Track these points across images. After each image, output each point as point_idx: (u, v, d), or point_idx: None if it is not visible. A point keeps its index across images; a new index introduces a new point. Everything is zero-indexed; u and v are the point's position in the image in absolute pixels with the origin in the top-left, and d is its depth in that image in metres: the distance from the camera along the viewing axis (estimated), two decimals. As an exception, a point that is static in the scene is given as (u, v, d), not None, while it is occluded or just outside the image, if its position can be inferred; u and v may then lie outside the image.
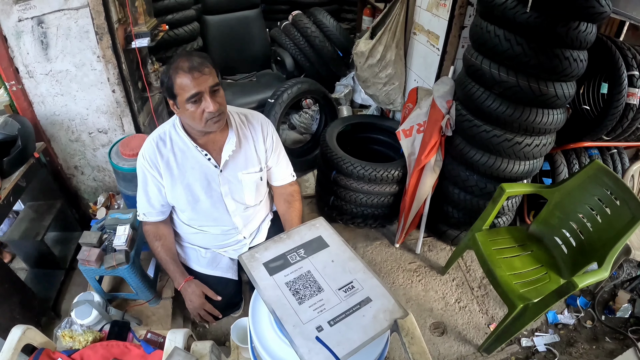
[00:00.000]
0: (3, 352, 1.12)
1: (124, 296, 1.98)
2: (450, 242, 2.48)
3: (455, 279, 2.32)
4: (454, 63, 2.15)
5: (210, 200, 1.49)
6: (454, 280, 2.31)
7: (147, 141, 1.44)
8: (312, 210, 2.79)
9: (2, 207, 1.77)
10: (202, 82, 1.23)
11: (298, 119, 3.39)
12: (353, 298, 0.90)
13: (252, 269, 0.97)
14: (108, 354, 1.28)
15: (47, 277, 2.24)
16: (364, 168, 2.22)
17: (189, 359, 1.01)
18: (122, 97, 2.13)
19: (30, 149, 1.95)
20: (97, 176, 2.52)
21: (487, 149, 1.95)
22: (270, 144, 1.55)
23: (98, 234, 1.83)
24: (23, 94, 2.06)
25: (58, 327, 1.44)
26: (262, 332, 0.96)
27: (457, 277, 2.33)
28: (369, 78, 2.62)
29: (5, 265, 1.82)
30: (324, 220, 1.08)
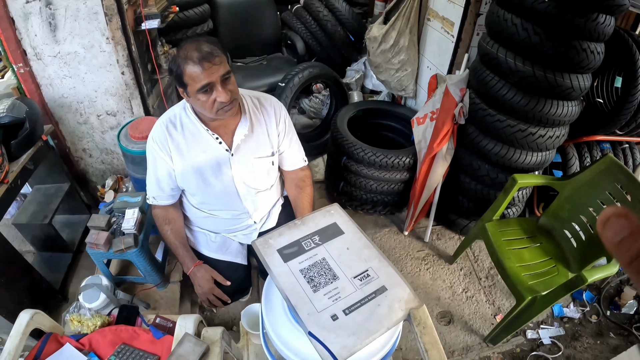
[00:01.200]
0: (11, 336, 1.12)
1: (132, 280, 1.98)
2: (459, 231, 2.47)
3: (463, 268, 2.31)
4: (469, 51, 2.10)
5: (221, 184, 1.47)
6: (462, 269, 2.30)
7: (157, 124, 1.42)
8: (321, 196, 2.78)
9: (10, 190, 1.76)
10: (212, 73, 1.20)
11: (308, 103, 3.36)
12: (368, 287, 0.89)
13: (266, 255, 0.96)
14: (117, 338, 1.28)
15: (54, 261, 2.24)
16: (375, 154, 2.20)
17: (200, 346, 1.00)
18: (131, 79, 2.10)
19: (38, 131, 1.94)
20: (106, 159, 2.50)
21: (500, 139, 1.92)
22: (282, 127, 1.52)
23: (106, 217, 1.83)
24: (31, 77, 2.04)
25: (66, 311, 1.45)
26: (274, 319, 0.95)
27: (465, 266, 2.32)
28: (381, 64, 2.58)
29: (12, 248, 1.82)
30: (339, 207, 1.06)
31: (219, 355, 1.03)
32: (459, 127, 2.08)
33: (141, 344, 1.27)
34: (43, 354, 1.22)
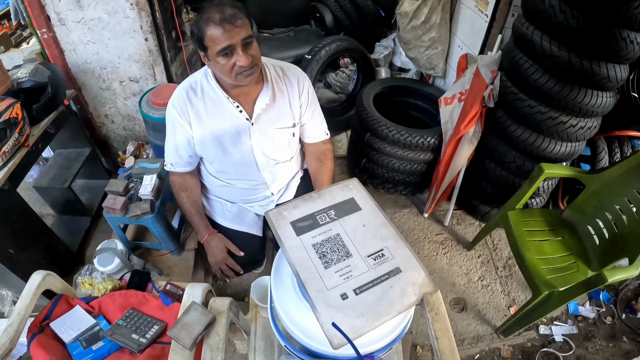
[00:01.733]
0: (23, 296, 1.14)
1: (147, 246, 2.00)
2: (480, 217, 2.40)
3: (481, 256, 2.25)
4: (502, 32, 2.00)
5: (240, 153, 1.45)
6: (480, 257, 2.25)
7: (177, 90, 1.40)
8: (342, 172, 2.75)
9: (30, 153, 1.78)
10: (234, 35, 1.16)
11: (335, 77, 3.29)
12: (382, 267, 0.85)
13: (279, 227, 0.93)
14: (126, 303, 1.29)
15: (73, 224, 2.29)
16: (399, 132, 2.14)
17: (206, 315, 0.99)
18: (154, 46, 2.08)
19: (60, 96, 1.94)
20: (127, 125, 2.52)
21: (529, 125, 1.84)
22: (305, 99, 1.48)
23: (124, 182, 1.83)
24: (54, 42, 2.04)
25: (78, 274, 1.46)
26: (283, 293, 0.92)
27: (483, 254, 2.26)
28: (411, 40, 2.48)
29: (31, 211, 1.85)
30: (358, 182, 1.02)
31: (225, 326, 1.02)
32: (488, 111, 1.99)
33: (150, 310, 1.28)
34: (53, 314, 1.24)
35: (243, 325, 1.24)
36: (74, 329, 1.21)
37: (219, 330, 1.01)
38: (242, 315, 1.27)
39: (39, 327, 1.20)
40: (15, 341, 1.08)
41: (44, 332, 1.19)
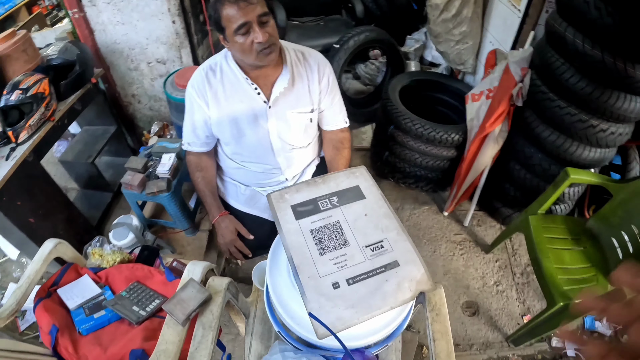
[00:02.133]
0: (33, 261, 1.18)
1: (162, 223, 2.04)
2: (501, 220, 2.33)
3: (499, 260, 2.18)
4: (535, 29, 1.90)
5: (256, 136, 1.44)
6: (497, 261, 2.18)
7: (197, 71, 1.41)
8: (364, 163, 2.67)
9: (56, 127, 1.84)
10: (249, 11, 1.14)
11: (364, 69, 3.26)
12: (379, 259, 0.82)
13: (279, 209, 0.91)
14: (132, 275, 1.32)
15: (95, 199, 2.36)
16: (423, 126, 2.10)
17: (202, 293, 0.99)
18: (182, 29, 2.11)
19: (87, 74, 2.00)
20: (154, 106, 2.57)
21: (557, 127, 1.76)
22: (325, 85, 1.45)
23: (144, 160, 1.88)
24: (85, 22, 2.09)
25: (89, 244, 1.51)
26: (277, 278, 0.91)
27: (501, 258, 2.19)
28: (441, 33, 2.41)
29: (53, 183, 1.92)
30: (365, 170, 0.99)
31: (221, 305, 1.02)
32: (516, 110, 1.92)
33: (153, 284, 1.31)
34: (62, 281, 1.29)
35: (243, 308, 1.23)
36: (80, 297, 1.25)
37: (213, 309, 1.01)
38: (243, 297, 1.28)
39: (47, 292, 1.25)
40: (22, 303, 1.12)
41: (50, 298, 1.24)
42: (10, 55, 1.80)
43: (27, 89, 1.67)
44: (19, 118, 1.70)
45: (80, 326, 1.19)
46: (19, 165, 1.65)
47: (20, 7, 3.90)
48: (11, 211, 1.66)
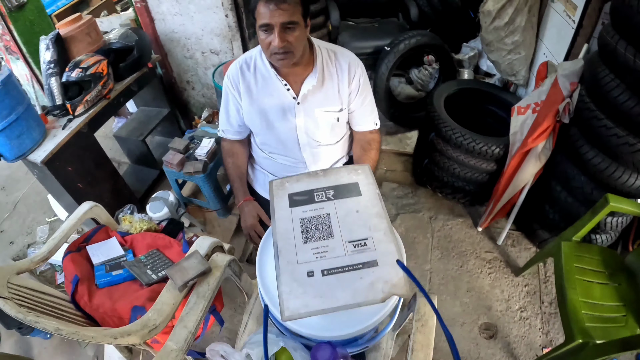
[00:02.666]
0: (70, 218, 1.33)
1: (197, 203, 2.18)
2: (537, 243, 2.20)
3: (528, 285, 2.06)
4: (590, 41, 1.78)
5: (283, 129, 1.49)
6: (527, 286, 2.06)
7: (233, 63, 1.48)
8: (405, 169, 2.71)
9: (111, 105, 2.04)
10: (275, 15, 1.19)
11: (417, 74, 3.21)
12: (359, 256, 0.83)
13: (277, 196, 0.96)
14: (153, 243, 1.44)
15: (142, 174, 2.56)
16: (462, 136, 2.05)
17: (203, 265, 1.07)
18: (234, 22, 2.22)
19: (144, 59, 2.18)
20: (206, 93, 2.72)
21: (603, 149, 1.63)
22: (356, 86, 1.47)
23: (185, 142, 2.03)
24: (146, 11, 2.28)
25: (120, 210, 1.65)
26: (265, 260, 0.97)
27: (531, 284, 2.07)
28: (492, 42, 2.32)
29: (104, 154, 2.11)
30: (369, 169, 1.01)
31: (218, 278, 1.09)
32: (562, 127, 1.81)
33: (171, 254, 1.41)
34: (92, 239, 1.43)
35: (245, 287, 1.30)
36: (105, 255, 1.39)
37: (210, 281, 1.09)
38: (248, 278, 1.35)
39: (77, 247, 1.41)
40: (54, 252, 1.28)
41: (79, 252, 1.39)
42: (75, 37, 2.00)
43: (87, 68, 1.86)
44: (78, 93, 1.90)
45: (99, 280, 1.33)
46: (73, 135, 1.85)
47: None
48: (62, 175, 1.87)
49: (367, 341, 0.96)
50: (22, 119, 1.77)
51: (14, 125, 1.74)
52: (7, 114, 1.71)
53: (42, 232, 2.54)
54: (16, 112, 1.73)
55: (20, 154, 1.81)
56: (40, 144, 1.86)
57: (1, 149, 1.80)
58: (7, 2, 2.03)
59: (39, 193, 2.82)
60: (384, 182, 2.62)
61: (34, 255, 1.30)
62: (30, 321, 1.01)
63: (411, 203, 2.48)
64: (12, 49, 2.24)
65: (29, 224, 2.65)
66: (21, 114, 1.75)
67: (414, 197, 2.52)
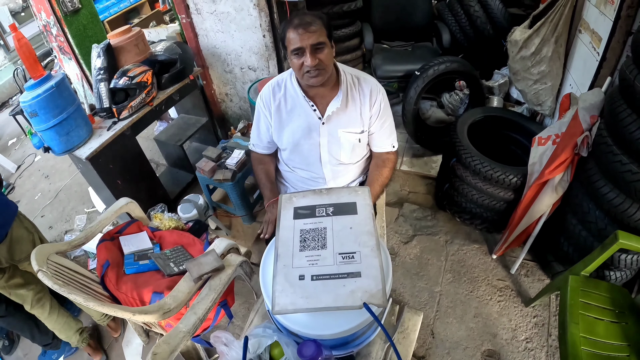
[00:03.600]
0: (107, 210, 1.52)
1: (225, 208, 2.34)
2: (551, 275, 2.17)
3: (538, 316, 2.04)
4: (613, 74, 1.79)
5: (308, 146, 1.62)
6: (535, 317, 2.04)
7: (266, 85, 1.63)
8: (427, 192, 2.76)
9: (153, 112, 2.24)
10: (305, 39, 1.34)
11: (448, 98, 3.27)
12: (346, 267, 0.94)
13: (284, 208, 1.09)
14: (179, 240, 1.60)
15: (178, 177, 2.77)
16: (481, 163, 2.09)
17: (216, 262, 1.21)
18: (270, 42, 2.39)
19: (186, 71, 2.39)
20: (243, 106, 2.91)
21: (617, 185, 1.63)
22: (376, 110, 1.58)
23: (218, 151, 2.20)
24: (191, 27, 2.49)
25: (152, 208, 1.83)
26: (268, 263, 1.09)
27: (540, 315, 2.04)
28: (519, 71, 2.35)
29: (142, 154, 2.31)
30: (368, 191, 1.11)
31: (229, 276, 1.22)
32: (580, 160, 1.82)
33: (193, 251, 1.56)
34: (125, 231, 1.61)
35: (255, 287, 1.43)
36: (135, 246, 1.56)
37: (222, 277, 1.23)
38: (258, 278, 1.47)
39: (111, 236, 1.59)
40: (90, 239, 1.47)
41: (113, 241, 1.57)
42: (124, 47, 2.22)
43: (133, 77, 2.08)
44: (124, 99, 2.11)
45: (127, 267, 1.49)
46: (117, 136, 2.06)
47: (144, 2, 4.56)
48: (104, 171, 2.08)
49: (353, 346, 1.06)
50: (72, 118, 1.98)
51: (64, 123, 1.96)
52: (59, 113, 1.92)
53: (80, 220, 2.78)
54: (67, 112, 1.95)
55: (67, 149, 2.03)
56: (86, 141, 2.08)
57: (51, 143, 2.02)
58: (63, 7, 2.28)
59: (80, 185, 3.08)
60: (405, 203, 2.68)
61: (72, 239, 1.48)
62: (64, 292, 1.16)
63: (429, 225, 2.53)
64: (65, 50, 2.51)
65: (68, 212, 2.90)
66: (71, 113, 1.97)
67: (433, 219, 2.56)
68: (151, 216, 1.78)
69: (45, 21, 2.45)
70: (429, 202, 2.69)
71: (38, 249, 1.30)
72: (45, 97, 1.86)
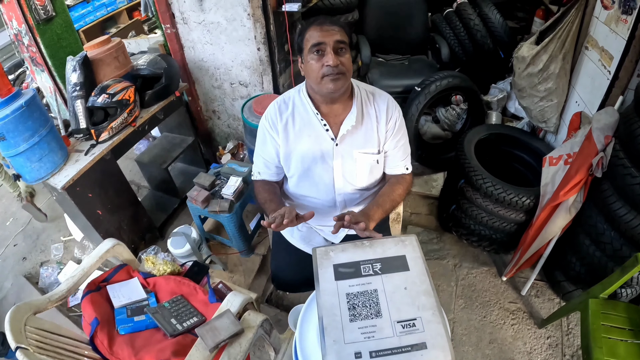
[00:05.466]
0: (90, 256, 1.32)
1: (220, 240, 2.14)
2: (562, 295, 2.15)
3: (551, 337, 2.01)
4: (625, 93, 1.76)
5: (320, 171, 1.45)
6: (549, 338, 2.01)
7: (271, 104, 1.46)
8: (430, 212, 2.67)
9: (136, 132, 2.03)
10: (328, 35, 1.22)
11: (444, 113, 3.18)
12: (408, 337, 0.82)
13: (321, 266, 0.94)
14: (177, 289, 1.41)
15: (162, 201, 2.54)
16: (494, 186, 2.02)
17: (235, 326, 1.05)
18: (265, 56, 2.22)
19: (172, 87, 2.18)
20: (232, 124, 2.72)
21: (635, 206, 1.60)
22: (392, 126, 1.44)
23: (212, 178, 1.99)
24: (176, 38, 2.29)
25: (144, 251, 1.62)
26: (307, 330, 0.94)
27: (554, 336, 2.02)
28: (525, 88, 2.31)
29: (125, 181, 2.10)
30: (416, 240, 0.99)
31: (251, 340, 1.06)
32: (593, 180, 1.78)
33: (196, 302, 1.38)
34: (113, 279, 1.41)
35: (274, 343, 1.27)
36: (126, 297, 1.36)
37: (242, 343, 1.06)
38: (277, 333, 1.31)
39: (97, 286, 1.38)
40: (72, 291, 1.27)
41: (99, 292, 1.36)
42: (102, 60, 2.00)
43: (113, 94, 1.86)
44: (104, 118, 1.89)
45: (120, 325, 1.29)
46: (96, 162, 1.84)
47: (122, 10, 4.32)
48: (82, 201, 1.86)
49: None
50: (45, 141, 1.76)
51: (36, 148, 1.73)
52: (30, 136, 1.70)
53: (56, 250, 2.52)
54: (39, 135, 1.72)
55: (40, 177, 1.80)
56: (61, 167, 1.84)
57: (21, 170, 1.79)
58: (36, 14, 2.05)
59: (55, 210, 2.82)
60: (409, 226, 2.58)
61: (52, 294, 1.28)
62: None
63: (436, 249, 2.45)
64: (37, 61, 2.27)
65: (43, 241, 2.64)
66: (44, 136, 1.74)
67: (439, 242, 2.48)
68: (142, 259, 1.57)
69: (17, 30, 2.21)
70: (432, 224, 2.61)
71: (13, 313, 1.10)
72: (13, 119, 1.63)
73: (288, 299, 2.16)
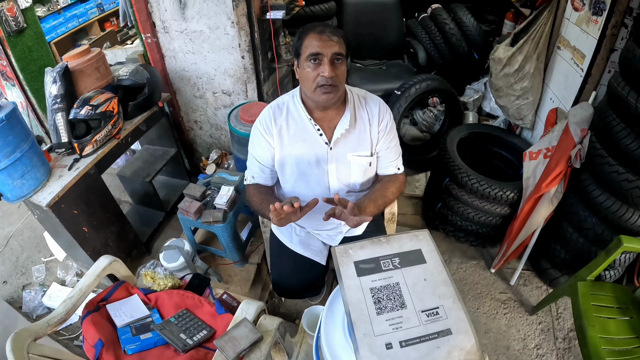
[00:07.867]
0: (87, 275, 1.26)
1: (212, 251, 2.10)
2: (548, 282, 2.25)
3: (542, 323, 2.10)
4: (597, 88, 1.88)
5: (315, 175, 1.47)
6: (541, 324, 2.10)
7: (265, 109, 1.47)
8: (415, 212, 2.72)
9: (120, 145, 1.97)
10: (326, 46, 1.23)
11: (422, 116, 3.26)
12: (433, 325, 0.84)
13: (342, 264, 0.95)
14: (181, 302, 1.36)
15: (148, 216, 2.47)
16: (479, 182, 2.10)
17: (254, 334, 1.03)
18: (250, 64, 2.21)
19: (155, 98, 2.13)
20: (214, 134, 2.68)
21: (614, 193, 1.71)
22: (384, 127, 1.47)
23: (202, 188, 1.95)
24: (157, 47, 2.24)
25: (143, 266, 1.57)
26: (332, 329, 0.94)
27: (545, 321, 2.11)
28: (502, 87, 2.41)
29: (110, 196, 2.03)
30: (428, 234, 1.02)
31: (270, 344, 1.05)
32: (573, 171, 1.88)
33: (202, 315, 1.34)
34: (112, 297, 1.35)
35: (287, 347, 1.25)
36: (128, 316, 1.31)
37: (262, 348, 1.05)
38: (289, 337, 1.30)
39: (96, 305, 1.31)
40: (71, 313, 1.20)
41: (99, 312, 1.30)
42: (83, 71, 1.93)
43: (97, 105, 1.80)
44: (86, 131, 1.82)
45: (126, 345, 1.24)
46: (81, 177, 1.77)
47: (94, 22, 4.17)
48: (67, 219, 1.78)
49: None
50: (27, 157, 1.66)
51: (17, 164, 1.63)
52: (11, 152, 1.59)
53: (38, 272, 2.40)
54: (21, 150, 1.62)
55: (23, 195, 1.70)
56: (44, 184, 1.76)
57: (3, 189, 1.68)
58: (6, 26, 1.96)
59: (33, 229, 2.70)
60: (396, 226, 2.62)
61: (50, 317, 1.21)
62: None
63: (424, 247, 2.50)
64: (8, 75, 2.17)
65: (23, 263, 2.52)
66: (26, 151, 1.64)
67: (427, 241, 2.54)
68: (140, 274, 1.51)
69: (-14, 42, 2.08)
70: (418, 223, 2.67)
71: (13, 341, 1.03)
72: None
73: (285, 307, 2.15)
